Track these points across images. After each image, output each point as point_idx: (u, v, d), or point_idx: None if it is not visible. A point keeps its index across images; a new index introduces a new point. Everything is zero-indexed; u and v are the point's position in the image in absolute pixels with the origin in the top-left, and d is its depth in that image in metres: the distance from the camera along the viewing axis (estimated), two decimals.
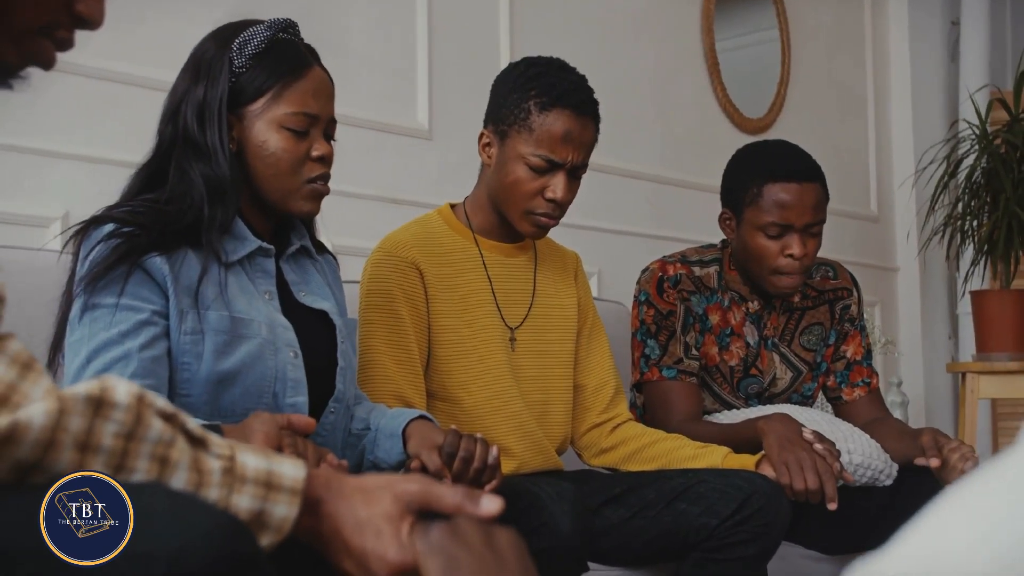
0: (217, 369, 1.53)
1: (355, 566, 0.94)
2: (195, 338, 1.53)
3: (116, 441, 0.84)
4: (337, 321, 1.72)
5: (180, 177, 1.58)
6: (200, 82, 1.61)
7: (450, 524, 0.93)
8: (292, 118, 1.62)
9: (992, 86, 4.50)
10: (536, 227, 2.04)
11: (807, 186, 2.30)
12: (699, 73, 3.97)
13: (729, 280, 2.44)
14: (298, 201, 1.66)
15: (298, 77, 1.63)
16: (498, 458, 1.61)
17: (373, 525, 0.94)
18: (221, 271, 1.58)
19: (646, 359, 2.36)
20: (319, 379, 1.65)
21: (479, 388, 2.02)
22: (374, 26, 3.00)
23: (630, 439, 2.15)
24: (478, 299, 2.06)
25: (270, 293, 1.65)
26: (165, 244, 1.53)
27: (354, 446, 1.75)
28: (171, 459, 0.87)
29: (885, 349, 4.04)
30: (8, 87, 1.03)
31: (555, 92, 1.97)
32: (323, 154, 1.66)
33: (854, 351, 2.52)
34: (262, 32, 1.63)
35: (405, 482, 0.96)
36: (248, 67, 1.61)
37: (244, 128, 1.62)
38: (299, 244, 1.74)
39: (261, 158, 1.63)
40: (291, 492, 0.91)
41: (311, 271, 1.76)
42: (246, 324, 1.57)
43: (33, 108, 2.29)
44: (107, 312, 1.48)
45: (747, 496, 1.88)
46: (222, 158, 1.58)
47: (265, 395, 1.57)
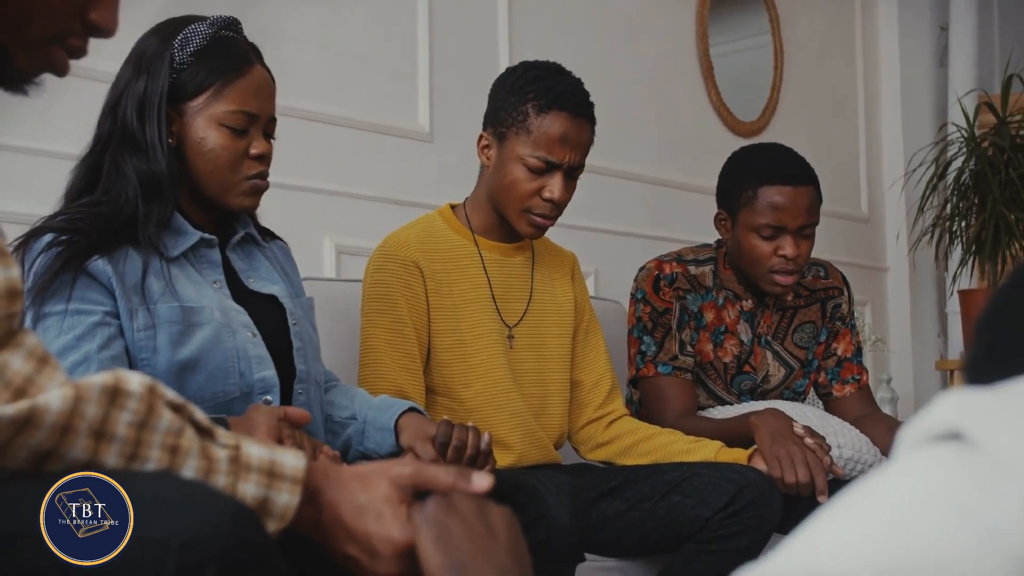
0: (176, 359, 1.51)
1: (359, 550, 0.96)
2: (148, 333, 1.51)
3: (130, 430, 0.86)
4: (288, 303, 1.70)
5: (115, 172, 1.56)
6: (141, 76, 1.58)
7: (445, 499, 0.95)
8: (231, 116, 1.60)
9: (980, 90, 4.52)
10: (534, 227, 2.05)
11: (801, 189, 2.31)
12: (694, 77, 3.98)
13: (724, 279, 2.45)
14: (236, 197, 1.64)
15: (239, 75, 1.61)
16: (490, 444, 1.62)
17: (373, 509, 0.95)
18: (164, 265, 1.56)
19: (642, 355, 2.37)
20: (280, 362, 1.63)
21: (478, 384, 2.03)
22: (375, 30, 3.00)
23: (626, 433, 2.16)
24: (477, 297, 2.07)
25: (219, 282, 1.63)
26: (105, 246, 1.51)
27: (337, 433, 1.74)
28: (182, 447, 0.88)
29: (875, 346, 4.05)
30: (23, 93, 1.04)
31: (552, 95, 1.99)
32: (262, 152, 1.64)
33: (844, 348, 2.54)
34: (204, 29, 1.61)
35: (399, 465, 0.98)
36: (189, 63, 1.59)
37: (184, 124, 1.60)
38: (243, 232, 1.72)
39: (200, 154, 1.61)
40: (292, 480, 0.92)
41: (258, 258, 1.74)
42: (198, 312, 1.55)
43: (48, 113, 2.29)
44: (58, 319, 1.47)
45: (739, 489, 1.89)
46: (160, 153, 1.56)
47: (232, 375, 1.55)
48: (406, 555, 0.94)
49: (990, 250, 3.86)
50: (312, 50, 2.85)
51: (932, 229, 4.07)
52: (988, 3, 5.05)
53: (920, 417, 0.59)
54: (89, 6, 0.97)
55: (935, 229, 4.07)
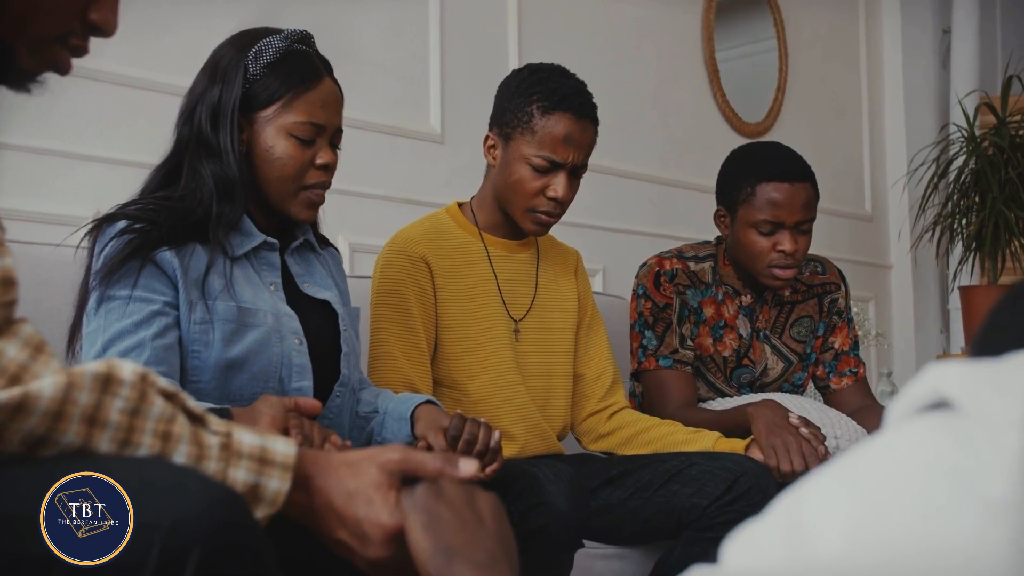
0: (226, 356, 1.54)
1: (350, 535, 0.95)
2: (204, 327, 1.53)
3: (122, 417, 0.85)
4: (339, 309, 1.73)
5: (192, 175, 1.60)
6: (216, 85, 1.61)
7: (433, 485, 0.94)
8: (300, 127, 1.62)
9: (981, 91, 4.49)
10: (538, 224, 2.05)
11: (798, 185, 2.31)
12: (699, 79, 3.97)
13: (723, 275, 2.44)
14: (295, 207, 1.66)
15: (309, 88, 1.63)
16: (499, 441, 1.62)
17: (363, 494, 0.95)
18: (227, 264, 1.58)
19: (644, 349, 2.37)
20: (324, 365, 1.66)
21: (484, 376, 2.03)
22: (388, 35, 3.01)
23: (626, 425, 2.16)
24: (483, 292, 2.07)
25: (275, 285, 1.65)
26: (175, 239, 1.54)
27: (361, 428, 1.76)
28: (173, 434, 0.88)
29: (877, 341, 4.03)
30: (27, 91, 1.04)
31: (556, 96, 1.98)
32: (327, 162, 1.66)
33: (842, 342, 2.52)
34: (278, 42, 1.63)
35: (387, 452, 0.97)
36: (262, 75, 1.61)
37: (254, 132, 1.63)
38: (303, 238, 1.75)
39: (268, 162, 1.63)
40: (283, 467, 0.92)
41: (314, 263, 1.77)
42: (252, 313, 1.57)
43: (63, 114, 2.31)
44: (121, 303, 1.49)
45: (736, 477, 1.89)
46: (232, 159, 1.59)
47: (272, 380, 1.57)
48: (395, 539, 0.94)
49: (990, 247, 3.84)
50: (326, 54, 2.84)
51: (934, 227, 4.05)
52: (990, 7, 5.01)
53: (907, 389, 0.59)
54: (89, 7, 0.97)
55: (937, 227, 4.04)
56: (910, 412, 0.58)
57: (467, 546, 0.89)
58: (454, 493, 0.94)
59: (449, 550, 0.88)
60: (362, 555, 0.96)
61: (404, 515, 0.93)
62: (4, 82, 0.99)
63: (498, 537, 0.92)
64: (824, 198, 2.49)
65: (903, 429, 0.56)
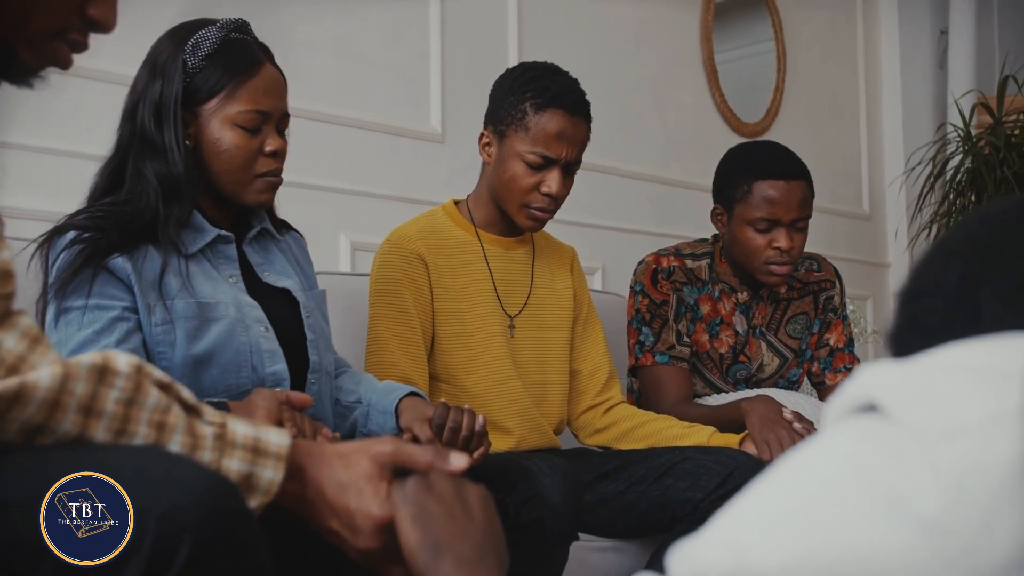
0: (191, 353, 1.52)
1: (341, 525, 0.96)
2: (166, 328, 1.52)
3: (117, 407, 0.86)
4: (300, 297, 1.70)
5: (137, 177, 1.57)
6: (156, 81, 1.59)
7: (424, 478, 0.95)
8: (244, 116, 1.60)
9: (977, 91, 4.48)
10: (533, 220, 2.05)
11: (794, 184, 2.31)
12: (698, 79, 3.97)
13: (720, 272, 2.45)
14: (252, 193, 1.64)
15: (250, 76, 1.60)
16: (484, 426, 1.62)
17: (354, 485, 0.95)
18: (182, 262, 1.56)
19: (641, 345, 2.37)
20: (294, 353, 1.64)
21: (480, 371, 2.03)
22: (389, 36, 3.02)
23: (623, 419, 2.16)
24: (479, 288, 2.08)
25: (235, 277, 1.63)
26: (125, 244, 1.52)
27: (344, 416, 1.75)
28: (168, 424, 0.89)
29: (874, 339, 4.03)
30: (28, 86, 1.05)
31: (549, 94, 1.99)
32: (275, 149, 1.64)
33: (837, 339, 2.53)
34: (215, 32, 1.60)
35: (379, 444, 0.98)
36: (202, 67, 1.59)
37: (199, 126, 1.60)
38: (259, 227, 1.73)
39: (216, 154, 1.61)
40: (276, 457, 0.93)
41: (274, 251, 1.74)
42: (213, 307, 1.56)
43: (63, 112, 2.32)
44: (79, 313, 1.48)
45: (730, 471, 1.89)
46: (177, 156, 1.56)
47: (244, 369, 1.56)
48: (385, 530, 0.95)
49: None
50: (329, 56, 2.86)
51: (930, 225, 4.06)
52: (986, 8, 5.00)
53: (842, 389, 0.59)
54: (88, 2, 0.98)
55: (933, 226, 4.05)
56: (844, 413, 0.58)
57: (455, 540, 0.90)
58: (444, 487, 0.95)
59: (437, 544, 0.89)
60: (353, 545, 0.97)
61: (394, 507, 0.94)
62: (5, 78, 1.00)
63: (486, 531, 0.93)
64: (822, 197, 2.49)
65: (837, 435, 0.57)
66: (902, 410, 0.53)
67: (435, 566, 0.87)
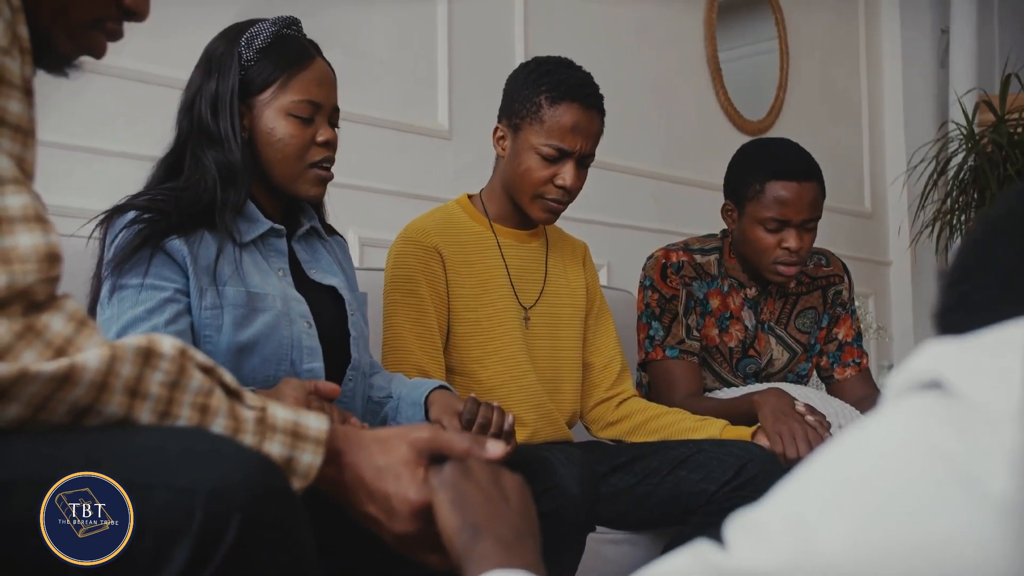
0: (236, 340, 1.55)
1: (378, 509, 0.97)
2: (215, 312, 1.55)
3: (162, 389, 0.87)
4: (346, 295, 1.74)
5: (195, 164, 1.61)
6: (212, 76, 1.64)
7: (461, 464, 0.96)
8: (298, 105, 1.65)
9: (979, 89, 4.50)
10: (547, 212, 2.07)
11: (806, 185, 2.32)
12: (702, 78, 3.99)
13: (728, 267, 2.46)
14: (304, 185, 1.68)
15: (302, 68, 1.66)
16: (513, 425, 1.63)
17: (392, 470, 0.96)
18: (236, 250, 1.60)
19: (651, 340, 2.38)
20: (334, 349, 1.67)
21: (494, 363, 2.04)
22: (397, 34, 3.03)
23: (635, 413, 2.17)
24: (494, 281, 2.09)
25: (283, 270, 1.67)
26: (183, 227, 1.55)
27: (375, 412, 1.77)
28: (211, 407, 0.90)
29: (878, 335, 4.05)
30: (64, 75, 1.07)
31: (564, 87, 2.00)
32: (327, 139, 1.68)
33: (845, 333, 2.54)
34: (267, 28, 1.66)
35: (417, 431, 0.99)
36: (256, 60, 1.64)
37: (254, 117, 1.65)
38: (309, 225, 1.76)
39: (270, 144, 1.65)
40: (316, 442, 0.94)
41: (320, 250, 1.78)
42: (261, 298, 1.59)
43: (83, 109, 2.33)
44: (133, 292, 1.50)
45: (743, 464, 1.90)
46: (234, 144, 1.61)
47: (283, 362, 1.58)
48: (422, 515, 0.96)
49: None
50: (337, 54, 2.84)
51: (933, 223, 4.07)
52: (988, 6, 5.02)
53: (904, 366, 0.59)
54: None
55: (936, 223, 4.07)
56: (907, 389, 0.57)
57: (493, 522, 0.91)
58: (481, 472, 0.96)
59: (476, 526, 0.90)
60: (389, 529, 0.97)
61: (432, 492, 0.95)
62: (42, 67, 1.01)
63: (523, 515, 0.94)
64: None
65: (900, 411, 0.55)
66: (969, 387, 0.52)
67: (474, 546, 0.88)
